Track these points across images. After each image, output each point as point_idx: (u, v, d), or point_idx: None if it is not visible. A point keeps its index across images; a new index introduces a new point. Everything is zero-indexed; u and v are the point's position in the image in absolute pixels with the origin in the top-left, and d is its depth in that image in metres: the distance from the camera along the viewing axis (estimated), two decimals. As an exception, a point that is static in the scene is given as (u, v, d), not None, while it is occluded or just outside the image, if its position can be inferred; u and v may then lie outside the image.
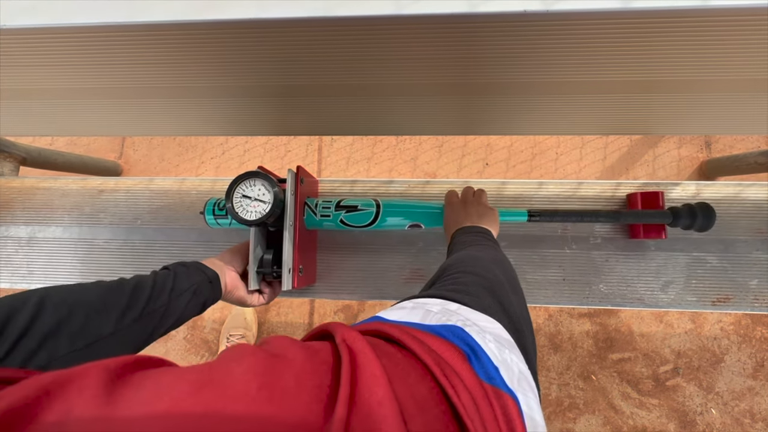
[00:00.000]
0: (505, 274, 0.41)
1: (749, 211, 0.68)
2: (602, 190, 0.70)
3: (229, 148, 1.39)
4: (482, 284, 0.37)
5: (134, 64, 0.46)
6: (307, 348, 0.23)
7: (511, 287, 0.40)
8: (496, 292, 0.37)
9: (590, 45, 0.40)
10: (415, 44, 0.40)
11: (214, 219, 0.63)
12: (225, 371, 0.19)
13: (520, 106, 0.58)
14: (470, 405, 0.22)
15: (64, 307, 0.36)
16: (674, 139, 1.27)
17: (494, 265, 0.42)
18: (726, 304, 0.66)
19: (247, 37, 0.40)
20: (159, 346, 1.30)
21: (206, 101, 0.57)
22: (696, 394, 1.13)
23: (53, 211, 0.76)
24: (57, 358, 0.34)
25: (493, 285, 0.38)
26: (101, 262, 0.73)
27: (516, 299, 0.38)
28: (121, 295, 0.41)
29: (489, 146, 1.31)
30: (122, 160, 1.42)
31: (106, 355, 0.38)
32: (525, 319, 0.36)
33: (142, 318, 0.41)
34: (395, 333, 0.26)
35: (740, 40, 0.38)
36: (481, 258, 0.44)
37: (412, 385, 0.22)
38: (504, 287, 0.38)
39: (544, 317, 1.21)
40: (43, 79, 0.51)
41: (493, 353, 0.27)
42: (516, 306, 0.36)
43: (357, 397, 0.19)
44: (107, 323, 0.38)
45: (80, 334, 0.36)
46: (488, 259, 0.44)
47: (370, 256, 0.70)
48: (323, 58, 0.44)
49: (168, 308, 0.44)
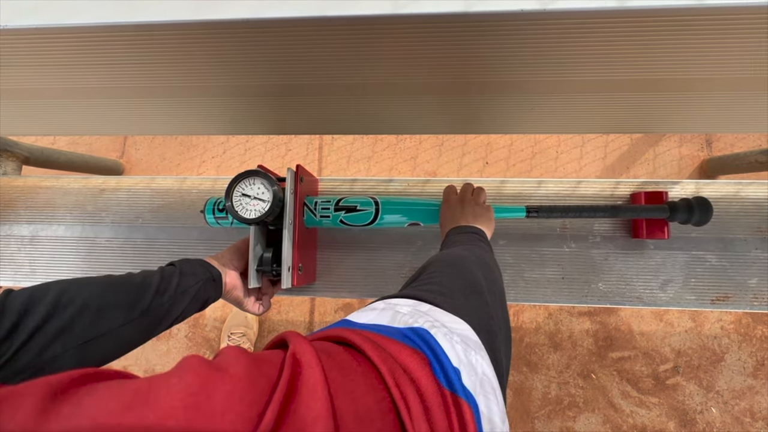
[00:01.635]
0: (486, 275, 0.41)
1: (749, 209, 0.68)
2: (602, 189, 0.70)
3: (230, 147, 1.40)
4: (458, 284, 0.38)
5: (135, 64, 0.47)
6: (253, 361, 0.23)
7: (490, 288, 0.40)
8: (472, 292, 0.37)
9: (588, 44, 0.40)
10: (414, 44, 0.41)
11: (214, 218, 0.63)
12: (163, 387, 0.19)
13: (519, 105, 0.58)
14: (419, 415, 0.22)
15: (78, 302, 0.37)
16: (675, 137, 1.26)
17: (477, 266, 0.42)
18: (725, 302, 0.66)
19: (246, 36, 0.40)
20: (161, 344, 1.31)
21: (207, 100, 0.58)
22: (696, 392, 1.13)
23: (55, 209, 0.77)
24: (69, 348, 0.36)
25: (469, 285, 0.38)
26: (103, 260, 0.74)
27: (492, 300, 0.38)
28: (128, 291, 0.42)
29: (489, 145, 1.31)
30: (124, 159, 1.42)
31: (110, 348, 0.39)
32: (500, 320, 0.37)
33: (148, 313, 0.42)
34: (357, 340, 0.27)
35: (739, 39, 0.38)
36: (465, 258, 0.44)
37: (358, 398, 0.22)
38: (481, 287, 0.38)
39: (543, 316, 1.21)
40: (45, 79, 0.51)
41: (457, 355, 0.27)
42: (491, 307, 0.37)
43: (293, 412, 0.19)
44: (116, 318, 0.39)
45: (90, 328, 0.37)
46: (472, 259, 0.44)
47: (369, 254, 0.71)
48: (323, 57, 0.44)
49: (173, 304, 0.45)
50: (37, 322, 0.34)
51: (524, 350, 1.20)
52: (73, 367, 0.36)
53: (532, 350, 1.19)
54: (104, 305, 0.39)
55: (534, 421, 1.16)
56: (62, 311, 0.36)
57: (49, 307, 0.35)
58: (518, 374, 1.19)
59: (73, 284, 0.39)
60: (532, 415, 1.16)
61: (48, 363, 0.34)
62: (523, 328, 1.21)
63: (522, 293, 0.68)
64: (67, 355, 0.36)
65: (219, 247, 0.72)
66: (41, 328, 0.34)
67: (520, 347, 1.20)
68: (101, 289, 0.40)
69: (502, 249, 0.69)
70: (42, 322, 0.34)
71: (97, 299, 0.39)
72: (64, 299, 0.37)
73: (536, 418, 1.16)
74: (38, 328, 0.34)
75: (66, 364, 0.36)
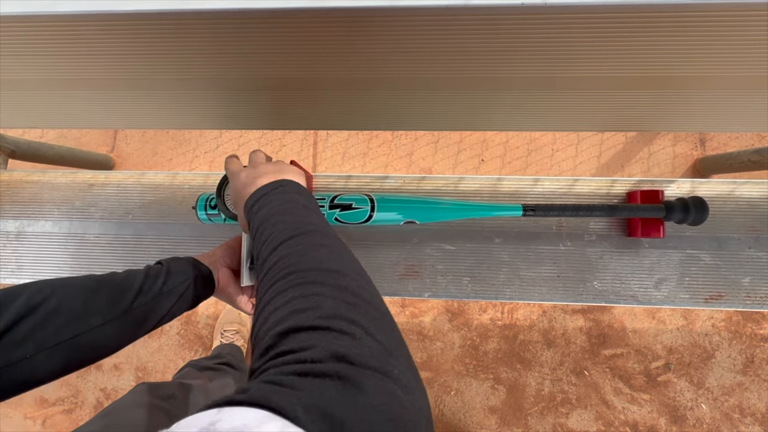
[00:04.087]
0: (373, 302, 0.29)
1: (743, 208, 0.68)
2: (598, 187, 0.70)
3: (223, 142, 1.38)
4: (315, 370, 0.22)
5: (124, 55, 0.45)
6: None
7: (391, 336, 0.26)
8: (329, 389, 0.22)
9: (587, 40, 0.39)
10: (412, 37, 0.40)
11: (206, 215, 0.62)
12: None
13: (517, 102, 0.58)
14: None
15: (52, 303, 0.36)
16: (669, 136, 1.27)
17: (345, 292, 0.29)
18: (718, 301, 0.66)
19: (241, 27, 0.39)
20: (152, 342, 1.30)
21: (200, 94, 0.56)
22: (687, 389, 1.15)
23: (42, 205, 0.75)
24: (42, 349, 0.35)
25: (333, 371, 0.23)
26: (92, 256, 0.72)
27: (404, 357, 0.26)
28: (109, 291, 0.40)
29: (485, 142, 1.31)
30: (114, 153, 1.40)
31: (89, 349, 0.38)
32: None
33: (130, 312, 0.41)
34: None
35: (738, 37, 0.38)
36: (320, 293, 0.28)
37: None
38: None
39: (537, 313, 1.21)
40: (32, 70, 0.50)
41: None
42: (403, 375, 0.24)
43: None
44: (94, 318, 0.38)
45: (65, 330, 0.36)
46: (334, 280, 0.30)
47: (364, 251, 0.70)
48: (318, 50, 0.43)
49: (158, 303, 0.43)
50: (7, 323, 0.33)
51: (518, 347, 1.20)
52: (46, 369, 0.35)
53: (525, 347, 1.20)
54: (81, 305, 0.38)
55: (527, 417, 1.17)
56: (34, 313, 0.35)
57: (20, 308, 0.35)
58: (512, 371, 1.19)
59: (50, 284, 0.38)
60: (525, 412, 1.17)
61: (17, 365, 0.34)
62: (517, 326, 1.21)
63: (517, 292, 0.68)
64: (39, 357, 0.35)
65: (211, 245, 0.71)
66: (10, 329, 0.33)
67: (514, 344, 1.20)
68: (78, 288, 0.39)
69: (497, 247, 0.69)
70: (12, 323, 0.34)
71: (73, 299, 0.38)
72: (37, 300, 0.36)
73: (529, 415, 1.17)
74: (7, 329, 0.33)
75: (38, 367, 0.35)
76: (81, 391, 1.30)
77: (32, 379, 0.35)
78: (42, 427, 1.29)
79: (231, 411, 0.19)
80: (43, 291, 0.36)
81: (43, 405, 1.30)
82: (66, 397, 1.30)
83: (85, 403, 1.29)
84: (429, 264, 0.69)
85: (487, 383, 1.19)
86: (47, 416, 1.30)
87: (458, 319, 1.22)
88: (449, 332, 1.22)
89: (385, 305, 0.31)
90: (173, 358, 1.28)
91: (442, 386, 1.20)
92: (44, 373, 0.36)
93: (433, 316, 1.23)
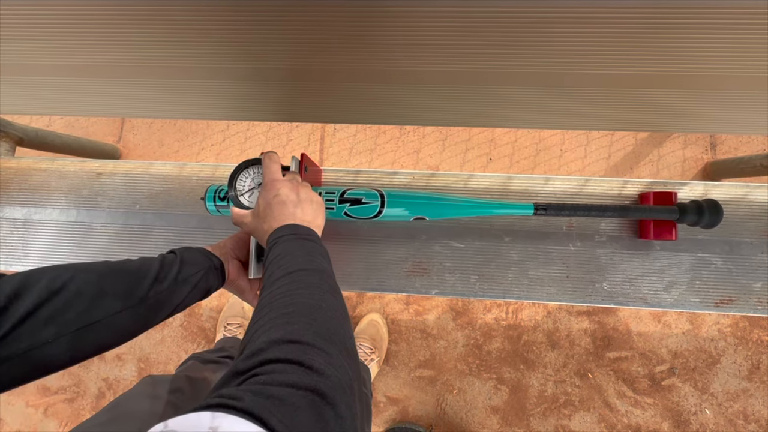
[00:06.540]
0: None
1: (756, 213, 0.67)
2: (609, 188, 0.69)
3: (230, 135, 1.37)
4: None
5: (133, 42, 0.45)
6: None
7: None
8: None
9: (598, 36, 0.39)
10: (428, 29, 0.39)
11: (215, 206, 0.62)
12: None
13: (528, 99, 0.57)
14: None
15: (72, 288, 0.36)
16: (679, 139, 1.26)
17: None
18: (729, 306, 0.66)
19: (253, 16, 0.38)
20: (155, 333, 1.30)
21: (211, 83, 0.56)
22: (691, 394, 1.14)
23: (50, 193, 0.75)
24: (63, 334, 0.35)
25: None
26: (99, 246, 0.72)
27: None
28: (126, 278, 0.40)
29: (493, 141, 1.30)
30: (121, 143, 1.40)
31: (106, 336, 0.38)
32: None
33: (146, 300, 0.40)
34: None
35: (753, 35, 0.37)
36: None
37: None
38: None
39: (542, 314, 1.21)
40: (41, 55, 0.49)
41: None
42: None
43: None
44: (113, 305, 0.38)
45: (85, 315, 0.36)
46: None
47: (372, 247, 0.70)
48: (333, 41, 0.42)
49: (173, 293, 0.43)
50: (29, 307, 0.33)
51: (522, 348, 1.19)
52: (66, 354, 0.35)
53: (529, 348, 1.19)
54: (100, 291, 0.38)
55: (529, 418, 1.16)
56: (56, 297, 0.35)
57: (42, 291, 0.34)
58: (515, 372, 1.19)
59: (68, 269, 0.37)
60: (528, 413, 1.17)
61: (39, 349, 0.33)
62: (522, 326, 1.20)
63: (525, 291, 0.67)
64: (61, 342, 0.34)
65: (218, 236, 0.70)
66: (33, 313, 0.33)
67: (518, 345, 1.20)
68: (97, 274, 0.39)
69: (506, 246, 0.68)
70: (34, 308, 0.33)
71: (93, 285, 0.37)
72: (58, 284, 0.35)
73: (532, 416, 1.16)
74: (30, 313, 0.33)
75: (59, 351, 0.35)
76: (83, 380, 1.30)
77: (52, 363, 0.35)
78: (44, 415, 1.30)
79: (226, 419, 0.20)
80: (62, 275, 0.36)
81: (45, 393, 1.31)
82: (68, 386, 1.30)
83: (87, 393, 1.30)
84: (437, 261, 0.68)
85: (489, 383, 1.18)
86: (49, 404, 1.30)
87: (462, 318, 1.22)
88: (453, 331, 1.21)
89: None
90: (176, 350, 1.29)
91: (444, 385, 1.19)
92: (65, 358, 0.35)
93: (437, 315, 1.22)
